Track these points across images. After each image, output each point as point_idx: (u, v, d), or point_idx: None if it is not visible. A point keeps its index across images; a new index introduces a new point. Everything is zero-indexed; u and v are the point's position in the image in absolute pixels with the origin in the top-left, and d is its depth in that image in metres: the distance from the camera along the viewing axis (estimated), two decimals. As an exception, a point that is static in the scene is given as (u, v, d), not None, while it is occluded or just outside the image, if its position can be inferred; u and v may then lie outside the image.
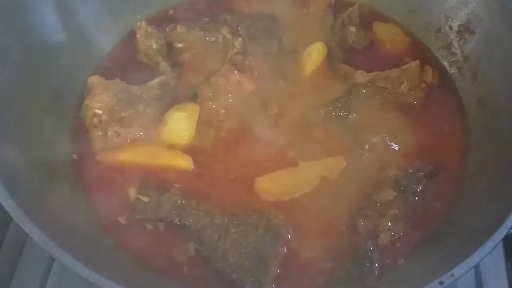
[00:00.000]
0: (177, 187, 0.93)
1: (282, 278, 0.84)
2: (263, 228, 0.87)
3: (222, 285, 0.83)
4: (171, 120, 1.00)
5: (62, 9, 1.03)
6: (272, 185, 0.93)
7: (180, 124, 1.00)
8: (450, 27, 1.12)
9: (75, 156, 0.98)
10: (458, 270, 0.69)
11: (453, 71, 1.10)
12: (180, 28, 1.13)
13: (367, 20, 1.18)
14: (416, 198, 0.91)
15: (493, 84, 1.00)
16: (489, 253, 0.70)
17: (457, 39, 1.10)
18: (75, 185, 0.95)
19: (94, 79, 1.02)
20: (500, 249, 1.00)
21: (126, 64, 1.10)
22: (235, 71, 1.07)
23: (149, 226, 0.90)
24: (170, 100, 1.04)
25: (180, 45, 1.13)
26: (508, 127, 0.92)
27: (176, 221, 0.88)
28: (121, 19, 1.16)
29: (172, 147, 0.99)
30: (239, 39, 1.11)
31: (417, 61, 1.06)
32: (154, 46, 1.09)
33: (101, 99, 0.99)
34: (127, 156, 0.97)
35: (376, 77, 1.05)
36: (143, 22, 1.11)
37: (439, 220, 0.90)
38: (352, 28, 1.14)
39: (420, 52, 1.13)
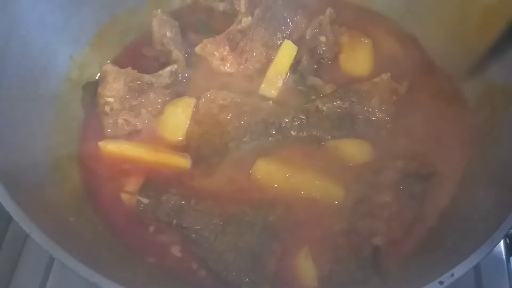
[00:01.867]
0: (177, 186, 0.92)
1: (280, 278, 0.84)
2: (260, 226, 0.86)
3: (220, 286, 0.83)
4: (166, 115, 1.01)
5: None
6: (270, 170, 0.93)
7: (174, 120, 1.00)
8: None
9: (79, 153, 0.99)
10: (458, 270, 0.69)
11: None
12: None
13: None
14: (415, 201, 0.90)
15: (493, 83, 1.00)
16: (489, 253, 0.70)
17: (457, 38, 1.10)
18: (75, 185, 0.95)
19: (107, 68, 1.03)
20: (500, 249, 1.01)
21: (142, 53, 1.11)
22: (226, 46, 1.05)
23: (148, 226, 0.90)
24: (182, 90, 1.05)
25: None
26: (508, 127, 0.92)
27: (174, 222, 0.88)
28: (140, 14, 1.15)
29: (170, 142, 0.99)
30: (249, 18, 1.08)
31: (389, 74, 1.03)
32: (168, 34, 1.08)
33: (112, 88, 1.01)
34: (128, 151, 0.97)
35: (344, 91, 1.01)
36: (159, 10, 1.10)
37: (439, 221, 0.90)
38: (323, 38, 1.08)
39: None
